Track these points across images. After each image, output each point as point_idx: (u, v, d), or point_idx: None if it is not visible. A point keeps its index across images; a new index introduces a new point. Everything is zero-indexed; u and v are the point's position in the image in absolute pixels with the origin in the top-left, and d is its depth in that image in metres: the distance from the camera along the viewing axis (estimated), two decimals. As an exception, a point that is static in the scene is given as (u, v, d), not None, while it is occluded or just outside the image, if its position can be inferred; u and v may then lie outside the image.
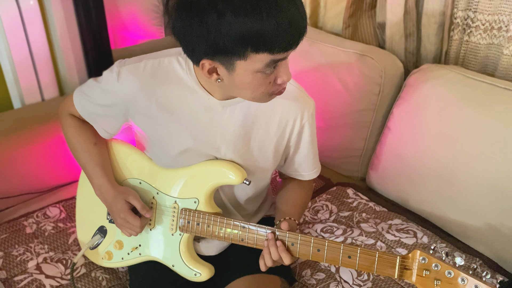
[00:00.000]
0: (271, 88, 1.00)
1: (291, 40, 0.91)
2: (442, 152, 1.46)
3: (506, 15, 1.49)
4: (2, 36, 1.64)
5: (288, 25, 0.88)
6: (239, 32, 0.87)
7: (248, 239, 1.11)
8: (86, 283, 1.32)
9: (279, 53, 0.92)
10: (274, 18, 0.87)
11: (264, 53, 0.91)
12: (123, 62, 1.14)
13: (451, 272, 0.93)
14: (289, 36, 0.90)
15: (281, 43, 0.90)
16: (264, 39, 0.88)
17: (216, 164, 1.15)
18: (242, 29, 0.87)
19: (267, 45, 0.90)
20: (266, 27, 0.87)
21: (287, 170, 1.30)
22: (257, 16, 0.86)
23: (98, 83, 1.17)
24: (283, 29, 0.88)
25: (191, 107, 1.11)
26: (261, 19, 0.86)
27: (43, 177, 1.67)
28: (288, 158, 1.26)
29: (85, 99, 1.20)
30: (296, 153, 1.24)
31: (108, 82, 1.14)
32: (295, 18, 0.90)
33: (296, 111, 1.17)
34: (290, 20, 0.89)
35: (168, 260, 1.21)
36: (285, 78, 0.99)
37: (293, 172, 1.29)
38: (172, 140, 1.15)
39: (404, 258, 0.98)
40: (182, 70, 1.10)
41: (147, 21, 2.44)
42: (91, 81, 1.20)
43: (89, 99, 1.19)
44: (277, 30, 0.88)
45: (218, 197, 1.23)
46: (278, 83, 0.99)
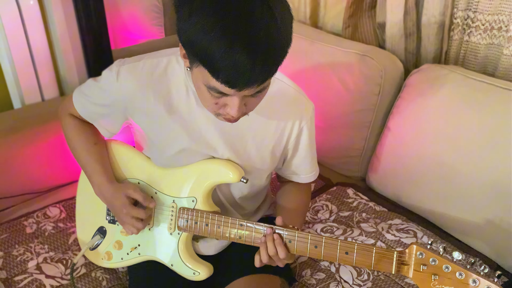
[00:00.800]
0: (217, 108, 0.97)
1: (234, 80, 0.86)
2: (442, 152, 1.46)
3: (506, 15, 1.49)
4: (2, 36, 1.64)
5: (234, 67, 0.83)
6: (194, 38, 0.85)
7: (246, 237, 1.11)
8: (86, 283, 1.32)
9: (223, 84, 0.87)
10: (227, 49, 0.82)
11: (208, 73, 0.87)
12: (122, 62, 1.14)
13: (449, 267, 0.93)
14: (233, 76, 0.85)
15: (224, 76, 0.85)
16: (210, 61, 0.85)
17: (213, 163, 1.15)
18: (198, 37, 0.84)
19: (211, 68, 0.86)
20: (214, 51, 0.82)
21: (285, 172, 1.29)
22: (214, 34, 0.82)
23: (97, 82, 1.17)
24: (229, 66, 0.83)
25: (189, 106, 1.11)
26: (214, 40, 0.82)
27: (43, 177, 1.67)
28: (286, 160, 1.25)
29: (84, 99, 1.20)
30: (294, 156, 1.24)
31: (107, 81, 1.15)
32: (247, 66, 0.83)
33: (295, 114, 1.16)
34: (240, 65, 0.83)
35: (167, 259, 1.21)
36: (231, 112, 0.94)
37: (290, 174, 1.29)
38: (170, 139, 1.15)
39: (401, 253, 0.98)
40: (181, 70, 1.10)
41: (147, 21, 2.44)
42: (90, 81, 1.20)
43: (88, 98, 1.20)
44: (222, 62, 0.83)
45: (216, 196, 1.23)
46: (226, 110, 0.95)
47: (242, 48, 0.82)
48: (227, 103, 0.94)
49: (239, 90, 0.88)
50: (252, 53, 0.83)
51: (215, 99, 0.94)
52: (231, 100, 0.93)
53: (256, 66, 0.84)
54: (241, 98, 0.92)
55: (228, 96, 0.92)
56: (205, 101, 0.97)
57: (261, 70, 0.86)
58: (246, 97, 0.93)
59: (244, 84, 0.87)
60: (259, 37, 0.83)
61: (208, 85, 0.91)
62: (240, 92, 0.89)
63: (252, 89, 0.89)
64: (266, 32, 0.83)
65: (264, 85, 0.92)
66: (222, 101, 0.94)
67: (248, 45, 0.82)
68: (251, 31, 0.82)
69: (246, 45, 0.82)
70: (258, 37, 0.83)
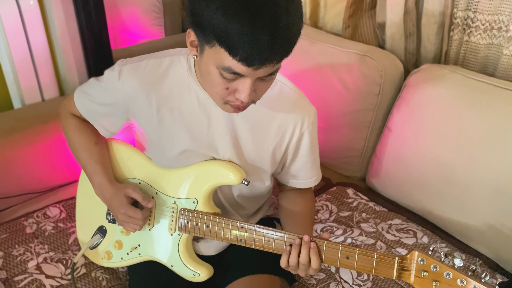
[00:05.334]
0: (226, 95, 0.97)
1: (252, 58, 0.87)
2: (442, 152, 1.46)
3: (506, 15, 1.49)
4: (2, 36, 1.64)
5: (254, 44, 0.84)
6: (210, 16, 0.85)
7: (247, 240, 1.10)
8: (86, 283, 1.32)
9: (240, 63, 0.88)
10: (247, 26, 0.83)
11: (225, 52, 0.87)
12: (125, 61, 1.14)
13: (450, 274, 0.93)
14: (251, 53, 0.86)
15: (242, 54, 0.86)
16: (228, 38, 0.85)
17: (215, 164, 1.15)
18: (215, 15, 0.84)
19: (229, 45, 0.86)
20: (234, 28, 0.84)
21: (284, 177, 1.28)
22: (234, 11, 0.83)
23: (99, 82, 1.17)
24: (248, 43, 0.84)
25: (190, 107, 1.11)
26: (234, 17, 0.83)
27: (43, 177, 1.67)
28: (286, 165, 1.24)
29: (86, 98, 1.20)
30: (294, 160, 1.23)
31: (109, 81, 1.15)
32: (267, 43, 0.85)
33: (296, 118, 1.16)
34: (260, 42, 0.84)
35: (167, 260, 1.21)
36: (242, 96, 0.94)
37: (290, 179, 1.27)
38: (171, 140, 1.15)
39: (403, 259, 0.98)
40: (183, 70, 1.10)
41: (147, 21, 2.44)
42: (92, 80, 1.20)
43: (90, 98, 1.19)
44: (242, 39, 0.84)
45: (216, 197, 1.23)
46: (235, 96, 0.96)
47: (263, 24, 0.84)
48: (238, 87, 0.94)
49: (256, 69, 0.89)
50: (273, 30, 0.84)
51: (226, 83, 0.94)
52: (243, 83, 0.93)
53: (276, 43, 0.86)
54: (253, 81, 0.93)
55: (240, 79, 0.93)
56: (214, 86, 0.96)
57: (280, 48, 0.88)
58: (257, 81, 0.94)
59: (262, 62, 0.88)
60: (279, 14, 0.85)
61: (222, 66, 0.90)
62: (256, 71, 0.90)
63: (268, 68, 0.90)
64: (286, 11, 0.85)
65: (278, 66, 0.93)
66: (233, 85, 0.94)
67: (269, 22, 0.84)
68: (272, 9, 0.84)
69: (267, 22, 0.84)
70: (278, 15, 0.84)
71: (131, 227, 1.18)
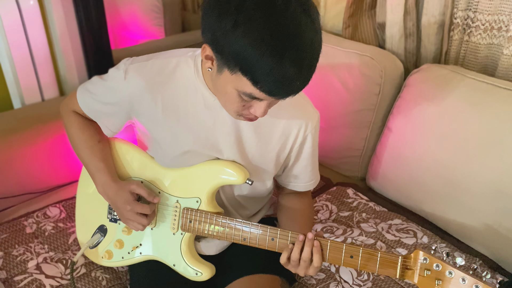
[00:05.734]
0: (242, 110, 0.99)
1: (276, 91, 0.90)
2: (442, 152, 1.46)
3: (506, 15, 1.49)
4: (2, 36, 1.64)
5: (280, 80, 0.87)
6: (238, 50, 0.86)
7: (251, 239, 1.10)
8: (86, 283, 1.32)
9: (262, 92, 0.90)
10: (276, 64, 0.85)
11: (249, 82, 0.89)
12: (131, 61, 1.14)
13: (452, 272, 0.94)
14: (276, 87, 0.89)
15: (267, 87, 0.89)
16: (254, 73, 0.87)
17: (218, 164, 1.15)
18: (243, 49, 0.85)
19: (254, 79, 0.88)
20: (262, 65, 0.85)
21: (284, 179, 1.28)
22: (263, 50, 0.84)
23: (103, 80, 1.16)
24: (275, 79, 0.87)
25: (196, 108, 1.11)
26: (263, 55, 0.85)
27: (43, 177, 1.67)
28: (287, 167, 1.25)
29: (89, 97, 1.19)
30: (296, 163, 1.23)
31: (114, 79, 1.14)
32: (293, 79, 0.88)
33: (300, 122, 1.16)
34: (287, 78, 0.87)
35: (169, 259, 1.21)
36: (258, 113, 0.98)
37: (291, 182, 1.28)
38: (175, 140, 1.15)
39: (406, 258, 0.99)
40: (190, 71, 1.10)
41: (147, 21, 2.45)
42: (96, 78, 1.19)
43: (93, 96, 1.19)
44: (269, 76, 0.86)
45: (218, 197, 1.23)
46: (250, 111, 0.99)
47: (291, 62, 0.86)
48: (254, 105, 0.97)
49: (278, 99, 0.93)
50: (300, 67, 0.87)
51: (243, 102, 0.96)
52: (260, 104, 0.96)
53: (301, 78, 0.89)
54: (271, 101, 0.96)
55: (256, 101, 0.95)
56: (230, 104, 0.98)
57: (304, 81, 0.91)
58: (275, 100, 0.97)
59: (285, 94, 0.92)
60: (306, 51, 0.87)
61: (242, 91, 0.92)
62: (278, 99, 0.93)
63: (288, 96, 0.93)
64: (311, 46, 0.88)
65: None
66: (249, 104, 0.97)
67: (297, 59, 0.86)
68: (300, 46, 0.86)
69: (295, 60, 0.86)
70: (305, 51, 0.87)
71: (136, 226, 1.17)
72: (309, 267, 1.05)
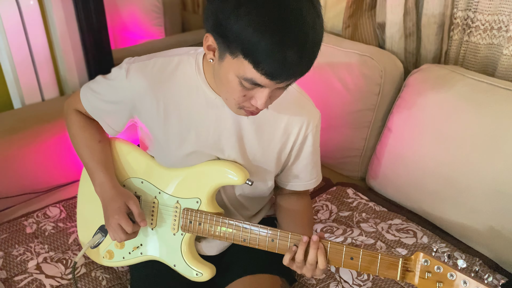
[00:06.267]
0: (243, 101, 0.98)
1: (277, 73, 0.89)
2: (442, 152, 1.46)
3: (506, 15, 1.50)
4: (2, 36, 1.64)
5: (281, 61, 0.86)
6: (239, 30, 0.86)
7: (251, 240, 1.11)
8: (86, 283, 1.32)
9: (263, 76, 0.89)
10: (277, 44, 0.85)
11: (250, 65, 0.88)
12: (133, 60, 1.14)
13: (454, 275, 0.94)
14: (277, 69, 0.88)
15: (268, 69, 0.88)
16: (255, 53, 0.86)
17: (218, 164, 1.15)
18: (244, 29, 0.85)
19: (255, 60, 0.87)
20: (263, 45, 0.85)
21: (283, 179, 1.28)
22: (265, 29, 0.84)
23: (106, 79, 1.17)
24: (276, 60, 0.86)
25: (197, 107, 1.11)
26: (264, 35, 0.84)
27: (43, 177, 1.67)
28: (287, 166, 1.25)
29: (92, 96, 1.20)
30: (296, 162, 1.23)
31: (116, 78, 1.14)
32: (294, 61, 0.87)
33: (302, 121, 1.16)
34: (288, 59, 0.86)
35: (169, 259, 1.21)
36: (258, 104, 0.96)
37: (290, 181, 1.28)
38: (177, 139, 1.15)
39: (407, 260, 0.98)
40: (191, 70, 1.10)
41: (147, 21, 2.45)
42: (99, 77, 1.19)
43: (96, 95, 1.19)
44: (270, 56, 0.86)
45: (219, 197, 1.23)
46: (251, 102, 0.98)
47: (292, 44, 0.85)
48: (255, 95, 0.96)
49: (279, 82, 0.91)
50: (302, 48, 0.87)
51: (244, 91, 0.95)
52: (261, 92, 0.95)
53: (303, 61, 0.89)
54: (272, 90, 0.95)
55: (259, 88, 0.94)
56: (232, 93, 0.97)
57: (306, 65, 0.91)
58: (275, 89, 0.96)
59: (287, 78, 0.91)
60: (307, 33, 0.87)
61: (243, 76, 0.91)
62: (278, 84, 0.92)
63: (291, 81, 0.93)
64: (313, 28, 0.87)
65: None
66: (251, 93, 0.96)
67: (298, 40, 0.86)
68: (302, 27, 0.86)
69: (296, 40, 0.86)
70: (307, 33, 0.87)
71: (114, 236, 1.16)
72: (315, 269, 1.05)
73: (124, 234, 1.15)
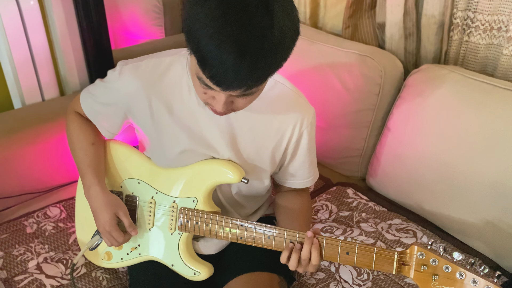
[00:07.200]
0: (206, 98, 0.97)
1: (219, 79, 0.86)
2: (442, 152, 1.46)
3: (506, 15, 1.49)
4: (3, 36, 1.64)
5: (220, 66, 0.83)
6: (191, 26, 0.84)
7: (247, 238, 1.11)
8: (86, 283, 1.32)
9: (209, 79, 0.87)
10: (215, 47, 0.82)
11: (198, 64, 0.87)
12: (126, 62, 1.16)
13: (449, 267, 0.94)
14: (218, 74, 0.85)
15: (210, 73, 0.85)
16: (199, 52, 0.84)
17: (214, 163, 1.16)
18: (194, 26, 0.84)
19: (200, 60, 0.85)
20: (204, 46, 0.83)
21: (281, 177, 1.29)
22: (207, 30, 0.82)
23: (102, 82, 1.19)
24: (215, 64, 0.83)
25: (190, 107, 1.12)
26: (205, 36, 0.82)
27: (43, 177, 1.67)
28: (284, 165, 1.25)
29: (90, 98, 1.22)
30: (292, 160, 1.23)
31: (111, 81, 1.16)
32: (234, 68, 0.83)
33: (295, 119, 1.16)
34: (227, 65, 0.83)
35: (167, 259, 1.21)
36: (216, 107, 0.95)
37: (288, 179, 1.28)
38: (170, 140, 1.15)
39: (402, 254, 0.99)
40: (183, 70, 1.11)
41: (147, 21, 2.45)
42: (98, 80, 1.22)
43: (93, 97, 1.21)
44: (210, 59, 0.83)
45: (216, 196, 1.23)
46: (213, 102, 0.96)
47: (231, 50, 0.81)
48: (214, 96, 0.95)
49: (223, 89, 0.89)
50: (240, 57, 0.82)
51: (204, 88, 0.94)
52: (218, 95, 0.93)
53: (243, 69, 0.84)
54: (227, 96, 0.93)
55: (215, 91, 0.92)
56: (196, 88, 0.98)
57: (248, 75, 0.85)
58: (232, 96, 0.94)
59: (228, 86, 0.87)
60: (251, 43, 0.82)
61: (197, 75, 0.91)
62: (225, 91, 0.90)
63: (238, 91, 0.89)
64: (261, 39, 0.83)
65: (251, 90, 0.91)
66: (210, 93, 0.95)
67: (237, 48, 0.82)
68: (245, 35, 0.82)
69: (235, 48, 0.81)
70: (250, 43, 0.82)
71: (108, 242, 1.19)
72: (308, 265, 1.05)
73: (118, 243, 1.18)
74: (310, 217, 1.33)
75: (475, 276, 0.91)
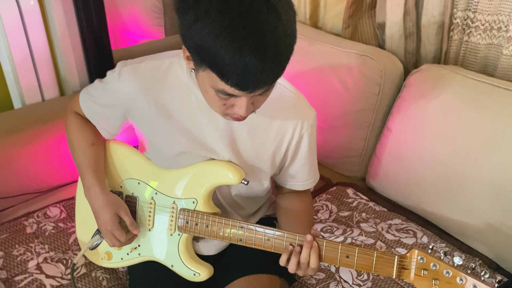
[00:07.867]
0: (226, 109, 0.97)
1: (244, 84, 0.87)
2: (442, 152, 1.46)
3: (506, 15, 1.49)
4: (3, 36, 1.64)
5: (244, 71, 0.84)
6: (201, 44, 0.85)
7: (247, 239, 1.11)
8: (86, 283, 1.32)
9: (233, 87, 0.88)
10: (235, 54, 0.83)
11: (217, 77, 0.88)
12: (125, 63, 1.15)
13: (450, 272, 0.94)
14: (243, 79, 0.86)
15: (233, 81, 0.87)
16: (219, 66, 0.85)
17: (214, 164, 1.15)
18: (203, 42, 0.84)
19: (220, 73, 0.86)
20: (223, 56, 0.83)
21: (282, 179, 1.28)
22: (221, 40, 0.82)
23: (101, 83, 1.19)
24: (239, 71, 0.84)
25: (189, 109, 1.11)
26: (222, 46, 0.83)
27: (43, 177, 1.67)
28: (284, 166, 1.25)
29: (89, 99, 1.21)
30: (293, 162, 1.23)
31: (110, 82, 1.15)
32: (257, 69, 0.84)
33: (296, 121, 1.16)
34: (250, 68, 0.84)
35: (167, 260, 1.21)
36: (240, 112, 0.95)
37: (288, 181, 1.28)
38: (170, 141, 1.15)
39: (402, 258, 0.98)
40: (183, 72, 1.10)
41: (147, 21, 2.45)
42: (97, 81, 1.21)
43: (92, 98, 1.20)
44: (232, 67, 0.84)
45: (215, 197, 1.23)
46: (234, 110, 0.97)
47: (251, 51, 0.83)
48: (235, 103, 0.95)
49: (249, 92, 0.90)
50: (262, 55, 0.84)
51: (223, 100, 0.95)
52: (239, 101, 0.94)
53: (266, 68, 0.86)
54: (249, 98, 0.94)
55: (236, 97, 0.93)
56: (212, 103, 0.98)
57: (271, 71, 0.88)
58: (254, 96, 0.94)
59: (254, 87, 0.89)
60: (267, 39, 0.84)
61: (216, 88, 0.91)
62: (251, 94, 0.91)
63: (262, 89, 0.91)
64: (274, 33, 0.85)
65: (272, 84, 0.94)
66: (230, 102, 0.95)
67: (257, 48, 0.83)
68: (259, 34, 0.83)
69: (255, 48, 0.83)
70: (266, 39, 0.84)
71: (109, 243, 1.19)
72: (307, 268, 1.05)
73: (118, 242, 1.18)
74: (311, 218, 1.33)
75: (475, 281, 0.91)
